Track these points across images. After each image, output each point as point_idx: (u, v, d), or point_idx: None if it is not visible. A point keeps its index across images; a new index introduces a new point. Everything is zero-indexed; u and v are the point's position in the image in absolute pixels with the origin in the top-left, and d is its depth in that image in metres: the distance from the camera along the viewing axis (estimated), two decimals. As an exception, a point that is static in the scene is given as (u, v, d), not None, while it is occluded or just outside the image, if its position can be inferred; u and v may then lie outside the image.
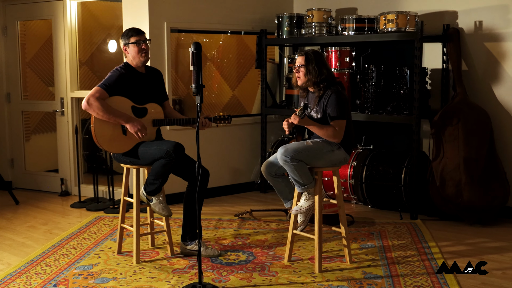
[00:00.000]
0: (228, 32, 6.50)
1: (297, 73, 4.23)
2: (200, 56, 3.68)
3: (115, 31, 7.37)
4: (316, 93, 4.18)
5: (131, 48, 4.28)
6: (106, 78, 4.25)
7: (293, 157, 3.99)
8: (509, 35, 5.26)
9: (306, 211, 4.15)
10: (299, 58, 4.23)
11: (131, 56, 4.31)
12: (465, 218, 5.17)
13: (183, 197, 4.40)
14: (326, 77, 4.17)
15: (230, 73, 7.27)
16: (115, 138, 4.22)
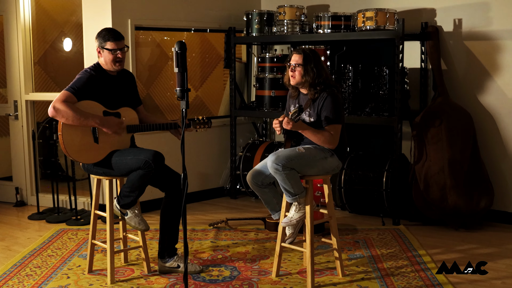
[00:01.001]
0: (193, 30, 6.15)
1: (292, 72, 3.92)
2: (185, 57, 3.34)
3: (70, 28, 6.89)
4: (309, 95, 3.90)
5: (105, 53, 3.89)
6: (74, 80, 3.85)
7: (285, 165, 3.70)
8: (490, 34, 5.13)
9: (297, 222, 3.88)
10: (295, 56, 3.93)
11: (103, 60, 3.92)
12: (450, 223, 5.01)
13: (156, 204, 4.05)
14: (324, 79, 3.89)
15: (193, 73, 6.91)
16: (86, 147, 3.83)
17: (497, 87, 5.13)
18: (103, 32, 3.92)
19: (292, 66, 3.92)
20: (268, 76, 5.92)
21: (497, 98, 5.15)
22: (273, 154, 3.78)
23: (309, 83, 3.88)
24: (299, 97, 4.02)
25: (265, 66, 5.96)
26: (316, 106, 3.85)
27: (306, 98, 3.96)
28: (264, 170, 4.01)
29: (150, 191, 4.24)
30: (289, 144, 3.98)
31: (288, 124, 3.71)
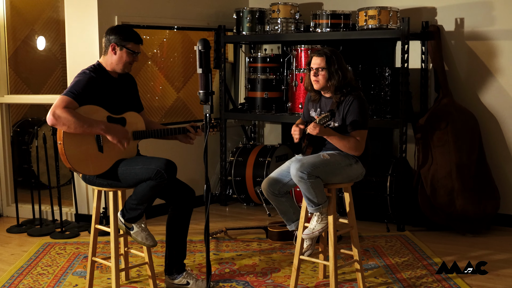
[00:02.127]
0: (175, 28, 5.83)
1: (315, 76, 3.67)
2: (209, 56, 3.06)
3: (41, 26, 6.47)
4: (335, 99, 3.66)
5: (124, 53, 3.54)
6: (72, 84, 3.48)
7: (310, 173, 3.45)
8: (493, 34, 5.01)
9: (319, 234, 3.63)
10: (316, 59, 3.67)
11: (115, 59, 3.56)
12: (457, 228, 4.86)
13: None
14: (349, 82, 3.66)
15: (175, 74, 6.58)
16: (90, 156, 3.48)
17: (500, 88, 5.02)
18: (125, 30, 3.59)
19: (315, 70, 3.66)
20: (260, 77, 5.66)
21: (501, 99, 5.04)
22: (297, 161, 3.52)
23: (334, 87, 3.64)
24: (321, 100, 3.77)
25: (257, 67, 5.69)
26: (341, 111, 3.61)
27: (329, 101, 3.72)
28: (282, 178, 3.76)
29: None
30: (310, 150, 3.72)
31: (315, 129, 3.46)
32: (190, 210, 3.77)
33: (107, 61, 3.60)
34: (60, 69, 7.15)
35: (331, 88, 3.65)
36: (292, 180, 3.75)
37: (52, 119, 3.34)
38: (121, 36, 3.56)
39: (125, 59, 3.56)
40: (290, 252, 4.49)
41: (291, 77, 5.47)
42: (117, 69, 3.59)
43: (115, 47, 3.57)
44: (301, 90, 5.39)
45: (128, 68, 3.60)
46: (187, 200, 3.73)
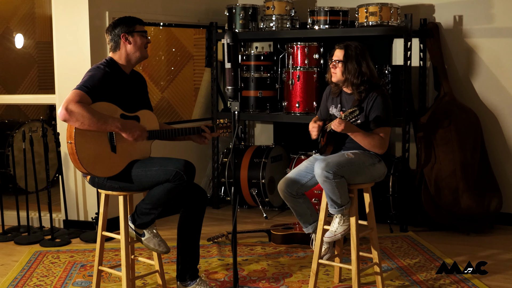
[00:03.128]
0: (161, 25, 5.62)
1: (333, 68, 3.54)
2: (238, 50, 2.89)
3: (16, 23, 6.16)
4: (356, 95, 3.52)
5: (136, 38, 3.39)
6: (86, 78, 3.26)
7: (336, 172, 3.31)
8: (492, 31, 4.98)
9: (341, 236, 3.50)
10: (337, 51, 3.55)
11: (131, 48, 3.38)
12: (462, 228, 4.80)
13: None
14: (368, 79, 3.53)
15: (159, 73, 6.36)
16: (102, 157, 3.25)
17: (500, 85, 4.99)
18: (126, 18, 3.45)
19: (334, 62, 3.54)
20: (254, 76, 5.50)
21: (500, 97, 5.01)
22: (321, 161, 3.37)
23: (350, 82, 3.51)
24: (341, 96, 3.64)
25: (250, 65, 5.53)
26: (364, 107, 3.48)
27: (349, 97, 3.59)
28: (300, 179, 3.61)
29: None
30: (331, 149, 3.58)
31: (340, 125, 3.32)
32: (203, 211, 3.57)
33: (121, 56, 3.40)
34: (36, 69, 6.84)
35: (347, 82, 3.53)
36: (311, 180, 3.61)
37: (64, 114, 3.10)
38: (124, 25, 3.43)
39: (140, 42, 3.42)
40: (297, 256, 4.35)
41: (286, 76, 5.33)
42: (135, 58, 3.42)
43: (126, 36, 3.39)
44: (298, 89, 5.25)
45: (145, 53, 3.42)
46: (200, 201, 3.53)
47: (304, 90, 5.25)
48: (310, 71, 5.24)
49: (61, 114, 3.12)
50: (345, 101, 3.60)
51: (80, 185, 4.93)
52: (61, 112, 3.12)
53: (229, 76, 2.84)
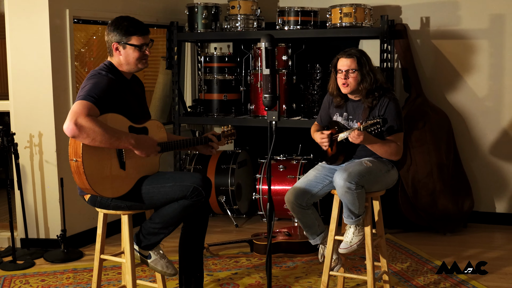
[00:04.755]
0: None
1: (345, 79, 3.37)
2: (275, 55, 2.68)
3: None
4: (367, 103, 3.39)
5: (128, 51, 3.02)
6: (90, 86, 2.90)
7: (358, 182, 3.17)
8: (459, 33, 5.06)
9: (357, 247, 3.37)
10: (345, 60, 3.38)
11: (123, 59, 3.04)
12: (438, 228, 4.84)
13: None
14: (381, 85, 3.41)
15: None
16: (112, 175, 2.92)
17: (467, 86, 5.08)
18: (124, 23, 3.04)
19: (344, 72, 3.37)
20: (218, 78, 5.27)
21: (467, 98, 5.10)
22: (342, 171, 3.21)
23: (366, 90, 3.38)
24: (347, 104, 3.49)
25: (213, 67, 5.29)
26: (375, 114, 3.36)
27: (357, 105, 3.45)
28: (310, 189, 3.45)
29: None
30: (342, 158, 3.44)
31: (359, 137, 3.18)
32: (206, 226, 3.32)
33: (117, 62, 3.08)
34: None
35: (362, 91, 3.39)
36: (321, 190, 3.46)
37: (73, 130, 2.74)
38: (119, 32, 3.05)
39: (132, 56, 3.05)
40: (286, 266, 4.19)
41: (254, 78, 5.14)
42: (130, 69, 3.08)
43: (117, 47, 3.05)
44: (267, 92, 5.07)
45: (142, 64, 3.09)
46: (203, 215, 3.28)
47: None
48: (278, 73, 5.08)
49: (69, 130, 2.75)
50: (352, 108, 3.46)
51: (40, 200, 4.49)
52: (68, 127, 2.76)
53: (267, 83, 2.62)
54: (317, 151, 5.38)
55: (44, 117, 4.39)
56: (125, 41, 3.01)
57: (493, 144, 5.06)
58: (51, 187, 4.44)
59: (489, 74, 5.02)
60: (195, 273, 3.30)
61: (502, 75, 4.99)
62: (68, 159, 4.39)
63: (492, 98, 5.03)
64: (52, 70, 4.36)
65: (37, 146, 4.44)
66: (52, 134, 4.40)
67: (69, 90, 4.51)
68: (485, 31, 4.98)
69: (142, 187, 2.99)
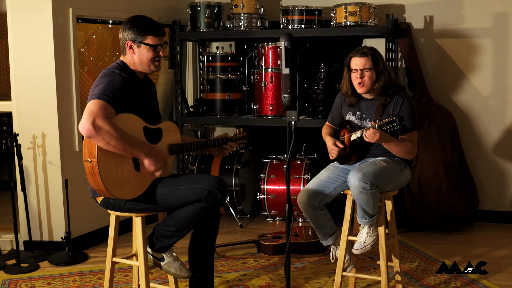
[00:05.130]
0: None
1: (360, 78, 3.34)
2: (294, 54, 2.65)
3: None
4: (380, 101, 3.37)
5: (143, 50, 2.97)
6: (104, 85, 2.83)
7: (373, 182, 3.15)
8: (462, 32, 5.05)
9: (371, 248, 3.34)
10: (359, 59, 3.35)
11: (137, 58, 2.99)
12: (444, 227, 4.83)
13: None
14: (394, 83, 3.39)
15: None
16: (127, 177, 2.87)
17: (470, 85, 5.08)
18: (141, 23, 2.99)
19: (360, 72, 3.34)
20: (221, 77, 5.22)
21: (471, 97, 5.09)
22: (357, 171, 3.18)
23: (382, 89, 3.35)
24: (361, 103, 3.46)
25: (216, 66, 5.24)
26: (389, 112, 3.33)
27: (371, 104, 3.42)
28: (323, 189, 3.42)
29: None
30: (355, 158, 3.42)
31: (375, 135, 3.16)
32: (217, 229, 3.28)
33: (129, 61, 3.03)
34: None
35: (377, 90, 3.37)
36: (334, 190, 3.44)
37: (90, 130, 2.68)
38: (134, 31, 2.99)
39: (145, 56, 3.00)
40: (295, 267, 4.15)
41: (258, 77, 5.10)
42: (143, 69, 3.02)
43: (131, 45, 3.00)
44: (271, 91, 5.04)
45: (155, 66, 3.04)
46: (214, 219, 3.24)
47: (277, 93, 5.05)
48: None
49: (86, 130, 2.70)
50: (365, 107, 3.44)
51: (43, 202, 4.43)
52: (85, 127, 2.70)
53: (287, 82, 2.58)
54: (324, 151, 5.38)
55: (48, 118, 4.33)
56: (140, 40, 2.96)
57: (497, 142, 5.05)
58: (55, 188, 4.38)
59: (493, 73, 5.02)
60: (205, 276, 3.26)
61: (506, 74, 4.99)
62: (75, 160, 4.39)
63: (496, 97, 5.03)
64: (56, 70, 4.30)
65: (41, 147, 4.38)
66: (56, 134, 4.34)
67: (73, 90, 4.45)
68: (489, 30, 4.98)
69: (157, 189, 2.95)
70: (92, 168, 2.77)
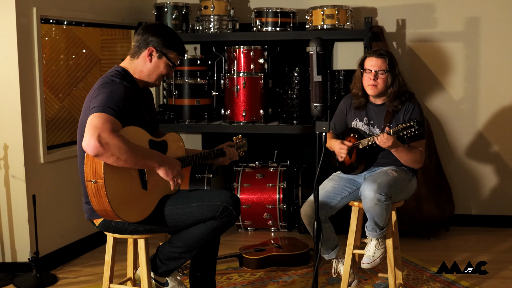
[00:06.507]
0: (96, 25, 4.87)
1: (374, 80, 3.20)
2: (325, 59, 2.47)
3: None
4: (391, 107, 3.24)
5: (161, 63, 2.74)
6: (105, 96, 2.56)
7: (387, 194, 3.02)
8: (435, 36, 5.04)
9: (380, 261, 3.21)
10: (376, 60, 3.20)
11: (149, 68, 2.74)
12: (423, 233, 4.79)
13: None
14: (406, 89, 3.27)
15: (58, 79, 5.48)
16: (134, 196, 2.60)
17: (443, 89, 5.07)
18: (170, 34, 2.76)
19: (374, 73, 3.20)
20: (189, 82, 4.96)
21: (443, 100, 5.09)
22: (371, 181, 3.04)
23: (395, 94, 3.22)
24: (368, 108, 3.33)
25: (184, 70, 4.97)
26: (400, 119, 3.22)
27: (378, 109, 3.29)
28: (329, 201, 3.26)
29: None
30: (363, 166, 3.27)
31: (388, 141, 3.03)
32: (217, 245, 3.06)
33: (136, 67, 2.75)
34: None
35: (390, 95, 3.23)
36: (340, 202, 3.29)
37: (97, 147, 2.40)
38: (164, 40, 2.75)
39: (162, 70, 2.76)
40: (283, 281, 3.98)
41: (229, 82, 4.88)
42: (147, 79, 2.76)
43: (152, 53, 2.74)
44: (244, 96, 4.84)
45: (159, 81, 2.79)
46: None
47: (250, 98, 4.85)
48: (255, 76, 4.85)
49: (92, 147, 2.40)
50: (373, 113, 3.31)
51: (5, 220, 4.03)
52: (90, 144, 2.40)
53: (318, 91, 2.39)
54: (294, 157, 5.23)
55: (11, 127, 3.95)
56: (165, 52, 2.71)
57: (469, 146, 5.07)
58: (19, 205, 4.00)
59: (465, 77, 5.04)
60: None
61: (477, 78, 5.01)
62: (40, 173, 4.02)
63: (468, 101, 5.05)
64: (20, 75, 3.92)
65: (2, 160, 3.98)
66: (20, 146, 3.96)
67: (37, 97, 4.09)
68: (461, 34, 4.99)
69: (165, 208, 2.69)
70: (97, 189, 2.48)
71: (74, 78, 5.34)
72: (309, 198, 3.31)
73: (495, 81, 4.98)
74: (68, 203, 4.37)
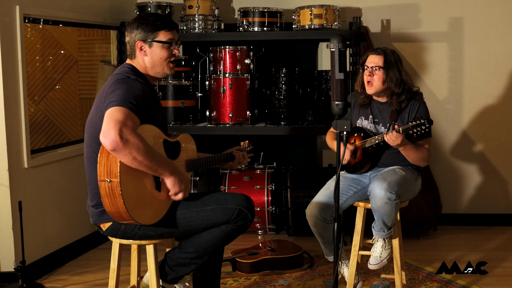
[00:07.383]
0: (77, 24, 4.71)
1: (370, 76, 3.16)
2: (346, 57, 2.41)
3: None
4: (394, 105, 3.20)
5: (155, 50, 2.60)
6: (122, 90, 2.44)
7: (397, 192, 2.98)
8: (419, 36, 5.05)
9: (387, 262, 3.17)
10: (374, 57, 3.18)
11: (149, 61, 2.61)
12: (412, 233, 4.78)
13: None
14: (409, 88, 3.23)
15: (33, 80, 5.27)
16: (150, 198, 2.49)
17: (427, 89, 5.09)
18: (150, 18, 2.63)
19: (370, 69, 3.17)
20: (173, 83, 4.85)
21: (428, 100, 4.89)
22: (381, 180, 2.99)
23: (391, 91, 3.19)
24: (372, 106, 3.29)
25: (168, 71, 4.85)
26: (405, 118, 3.19)
27: (383, 107, 3.26)
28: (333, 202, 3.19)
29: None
30: (368, 166, 3.23)
31: (397, 139, 2.99)
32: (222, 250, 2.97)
33: (139, 65, 2.65)
34: None
35: (387, 92, 3.21)
36: (346, 202, 3.24)
37: (117, 142, 2.27)
38: (144, 29, 2.64)
39: (162, 55, 2.64)
40: (280, 285, 3.90)
41: (215, 83, 4.79)
42: (156, 71, 2.65)
43: (142, 46, 2.63)
44: (230, 97, 4.75)
45: (169, 69, 2.68)
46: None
47: (236, 99, 4.77)
48: (242, 77, 4.77)
49: (111, 141, 2.27)
50: (378, 111, 3.27)
51: (-12, 228, 3.85)
52: (110, 136, 2.27)
53: (339, 89, 2.33)
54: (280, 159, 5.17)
55: (-7, 130, 3.77)
56: (151, 38, 2.60)
57: (454, 146, 5.11)
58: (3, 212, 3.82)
59: (449, 77, 5.07)
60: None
61: (461, 78, 5.05)
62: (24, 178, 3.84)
63: (452, 101, 5.08)
64: (3, 76, 3.75)
65: (-16, 165, 3.79)
66: (3, 150, 3.78)
67: (20, 99, 3.93)
68: (445, 34, 5.02)
69: (178, 212, 2.58)
70: (111, 189, 2.36)
71: (50, 80, 5.15)
72: (314, 199, 3.25)
73: (479, 81, 5.03)
74: (52, 208, 4.20)
